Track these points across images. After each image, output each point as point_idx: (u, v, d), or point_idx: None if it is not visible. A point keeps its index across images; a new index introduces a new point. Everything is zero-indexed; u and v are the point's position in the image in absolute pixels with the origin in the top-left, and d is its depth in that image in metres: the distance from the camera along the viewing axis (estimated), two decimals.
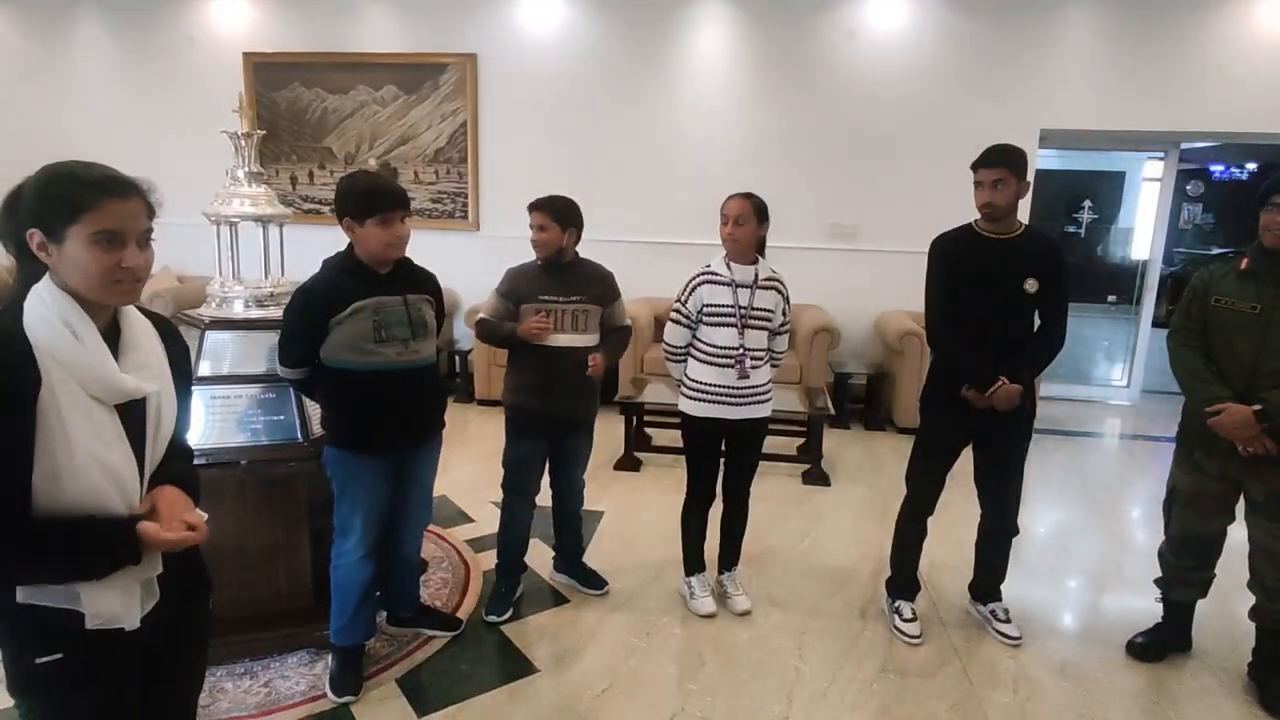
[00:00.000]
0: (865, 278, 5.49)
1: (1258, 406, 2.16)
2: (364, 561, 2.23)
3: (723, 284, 2.57)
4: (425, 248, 2.98)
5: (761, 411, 2.65)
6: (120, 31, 6.02)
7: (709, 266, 2.61)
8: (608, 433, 4.41)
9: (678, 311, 2.62)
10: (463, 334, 5.76)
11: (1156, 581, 2.59)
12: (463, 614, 2.69)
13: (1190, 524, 2.44)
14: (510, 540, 2.73)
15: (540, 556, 3.00)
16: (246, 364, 2.46)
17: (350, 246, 2.16)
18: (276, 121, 5.76)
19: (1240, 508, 2.37)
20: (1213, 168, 9.69)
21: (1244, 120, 5.16)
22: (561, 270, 2.59)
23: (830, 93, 5.39)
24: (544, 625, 2.67)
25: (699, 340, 2.62)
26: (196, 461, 1.44)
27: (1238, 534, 2.39)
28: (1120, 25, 5.11)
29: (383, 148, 5.88)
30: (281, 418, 2.41)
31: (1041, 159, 5.57)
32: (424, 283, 2.30)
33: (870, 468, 4.28)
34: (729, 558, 2.85)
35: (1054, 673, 2.47)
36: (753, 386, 2.59)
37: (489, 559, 2.90)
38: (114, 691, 1.22)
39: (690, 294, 2.59)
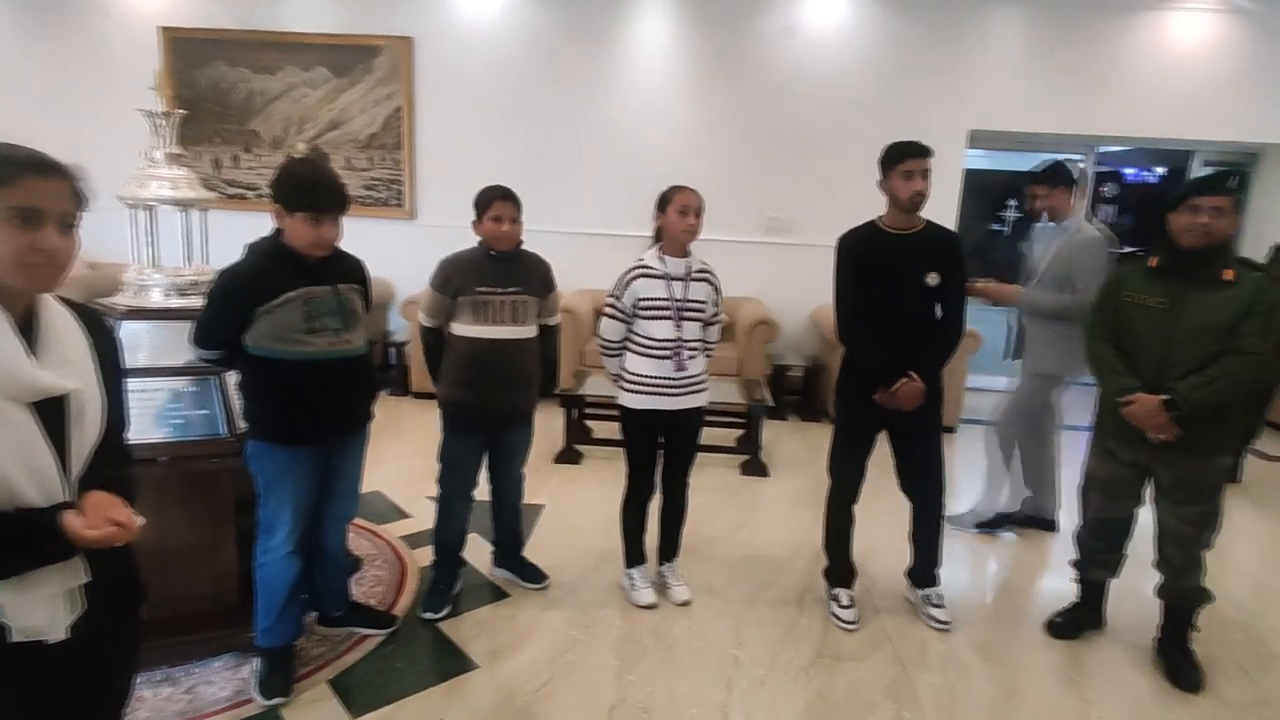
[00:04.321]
0: (802, 271, 5.58)
1: (1166, 396, 2.28)
2: (291, 558, 2.16)
3: (657, 277, 2.57)
4: (358, 236, 2.88)
5: (699, 401, 2.67)
6: (25, 1, 5.63)
7: (642, 260, 2.60)
8: (548, 426, 4.36)
9: (612, 306, 2.61)
10: (398, 325, 5.63)
11: (1073, 563, 2.72)
12: (398, 612, 2.63)
13: (1104, 508, 2.57)
14: (447, 536, 2.68)
15: (478, 551, 2.95)
16: (166, 355, 2.34)
17: (278, 232, 2.07)
18: (198, 101, 5.49)
19: (1148, 492, 2.50)
20: (1125, 170, 10.21)
21: (1154, 126, 5.46)
22: (505, 261, 2.54)
23: (769, 88, 5.46)
24: (482, 621, 2.63)
25: (636, 334, 2.61)
26: None
27: (1146, 517, 2.53)
28: (1043, 32, 5.33)
29: (312, 132, 5.67)
30: (204, 411, 2.30)
31: (970, 158, 5.77)
32: (353, 271, 2.24)
33: (807, 458, 4.37)
34: (669, 549, 2.86)
35: (980, 653, 2.57)
36: (689, 377, 2.61)
37: (425, 555, 2.84)
38: (33, 704, 1.16)
39: (625, 288, 2.58)
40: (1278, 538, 3.70)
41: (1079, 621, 2.71)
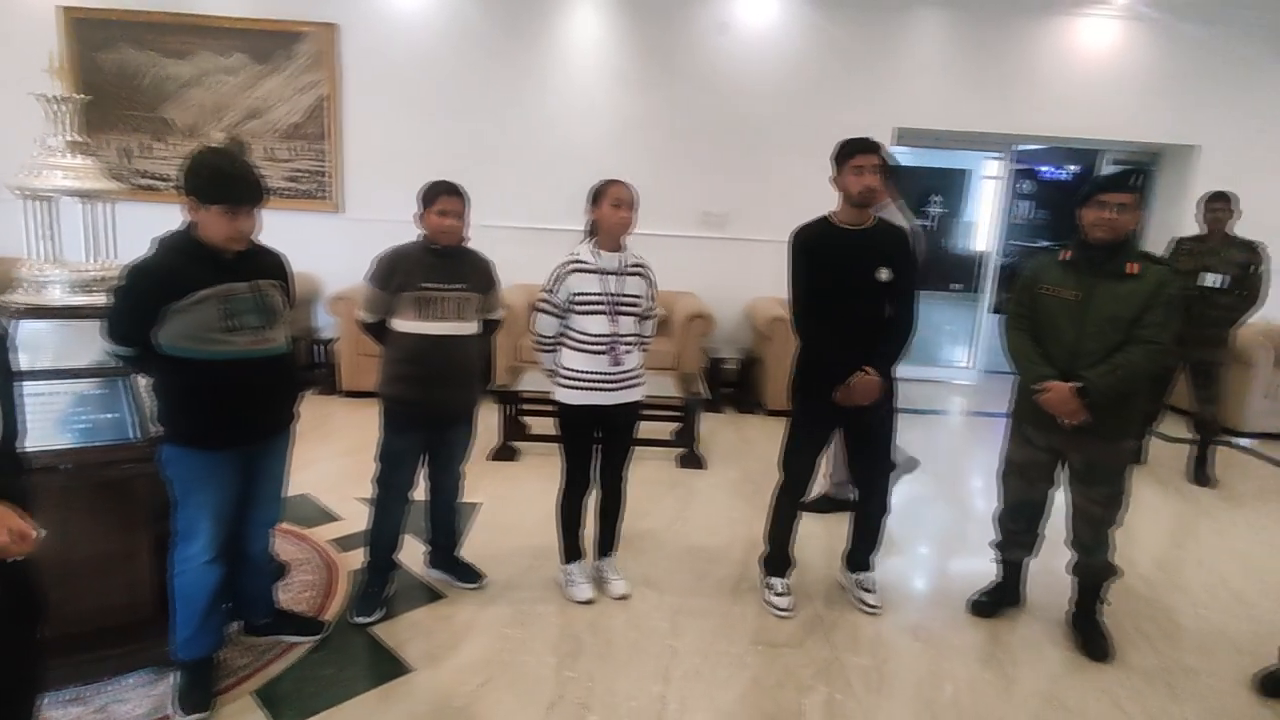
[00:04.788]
0: (736, 265, 5.67)
1: (1078, 384, 2.40)
2: (211, 566, 2.07)
3: (591, 272, 2.55)
4: (281, 229, 2.78)
5: (635, 395, 2.67)
6: None
7: (576, 254, 2.59)
8: (483, 422, 4.29)
9: (546, 301, 2.59)
10: (325, 322, 5.45)
11: (993, 544, 2.84)
12: (328, 617, 2.55)
13: (1022, 491, 2.69)
14: (382, 537, 2.62)
15: (412, 552, 2.89)
16: (69, 356, 2.20)
17: (190, 225, 1.97)
18: (102, 86, 5.19)
19: (1062, 475, 2.63)
20: (1040, 168, 10.69)
21: (1066, 126, 5.74)
22: (448, 256, 2.49)
23: (703, 83, 5.50)
24: (417, 623, 2.57)
25: (571, 329, 2.60)
26: None
27: (1060, 498, 2.66)
28: (965, 34, 5.53)
29: (231, 120, 5.43)
30: (112, 415, 2.18)
31: (896, 155, 5.93)
32: (273, 267, 2.15)
33: (743, 450, 4.43)
34: (606, 543, 2.86)
35: (907, 634, 2.66)
36: (625, 371, 2.61)
37: (357, 558, 2.77)
38: None
39: (558, 283, 2.56)
40: (1179, 515, 3.95)
41: (1000, 600, 2.84)
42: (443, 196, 2.43)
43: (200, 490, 2.03)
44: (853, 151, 2.53)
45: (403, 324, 2.46)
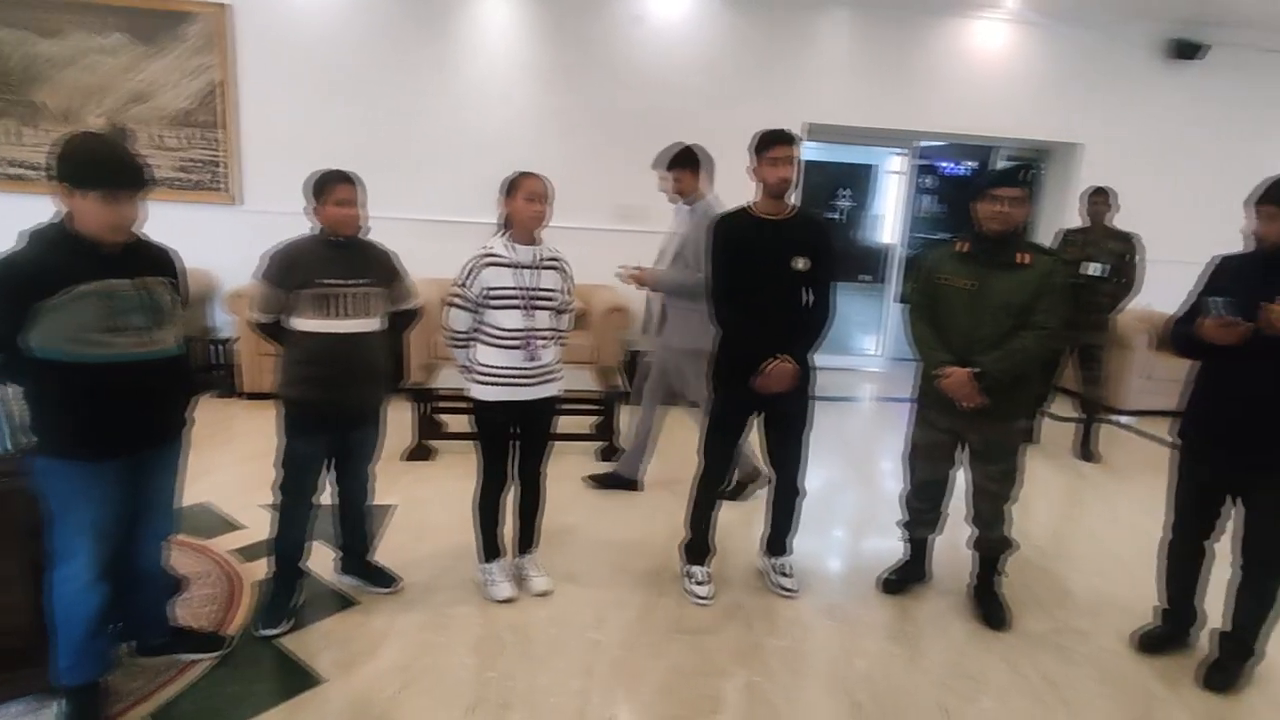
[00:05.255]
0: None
1: (975, 369, 2.53)
2: (94, 586, 1.92)
3: (504, 265, 2.51)
4: (173, 222, 2.62)
5: (552, 390, 2.64)
6: None
7: (489, 248, 2.53)
8: (397, 422, 4.17)
9: (458, 296, 2.52)
10: (223, 321, 5.16)
11: (901, 524, 2.96)
12: (231, 631, 2.42)
13: (926, 472, 2.81)
14: (288, 545, 2.50)
15: (322, 559, 2.78)
16: None
17: (65, 216, 1.82)
18: None
19: (961, 455, 2.76)
20: (941, 164, 11.20)
21: (964, 124, 6.02)
22: (348, 249, 2.38)
23: (618, 75, 5.49)
24: (329, 632, 2.48)
25: (485, 324, 2.54)
26: None
27: (960, 478, 2.79)
28: (870, 34, 5.71)
29: (111, 105, 5.05)
30: None
31: (806, 150, 6.09)
32: (161, 262, 2.01)
33: (662, 441, 4.43)
34: (526, 540, 2.83)
35: (823, 614, 2.74)
36: (542, 367, 2.58)
37: (261, 568, 2.64)
38: None
39: (471, 277, 2.50)
40: (1068, 489, 4.22)
41: (908, 577, 2.96)
42: (338, 185, 2.32)
43: (79, 505, 1.88)
44: (769, 143, 2.58)
45: (304, 323, 2.34)
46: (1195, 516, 2.49)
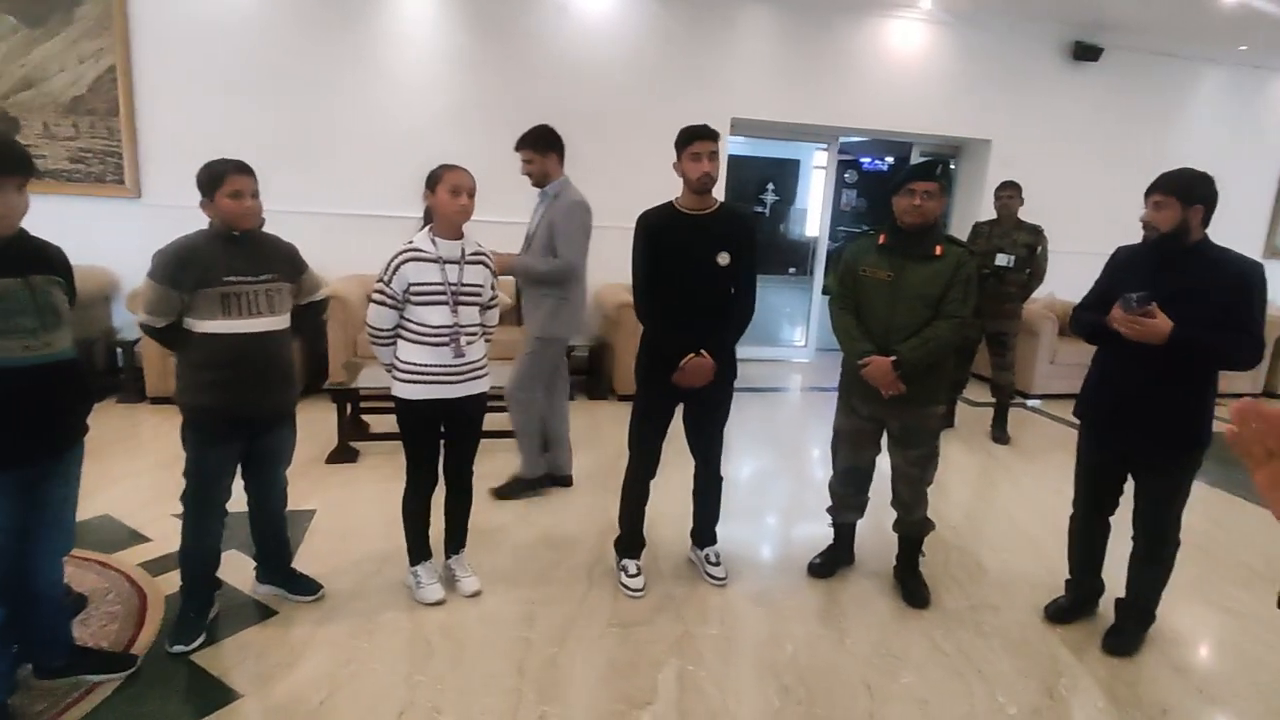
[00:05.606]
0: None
1: (894, 358, 2.61)
2: None
3: (429, 261, 2.45)
4: (67, 217, 2.46)
5: (480, 388, 2.60)
6: None
7: (412, 243, 2.47)
8: (319, 423, 4.06)
9: (381, 292, 2.45)
10: (125, 322, 4.87)
11: (828, 510, 3.04)
12: (139, 650, 2.29)
13: (850, 458, 2.89)
14: (198, 557, 2.38)
15: (238, 569, 2.67)
16: None
17: None
18: None
19: (883, 441, 2.86)
20: (862, 159, 11.53)
21: (883, 120, 6.20)
22: (248, 243, 2.27)
23: (543, 68, 5.43)
24: (246, 645, 2.37)
25: (409, 321, 2.48)
26: None
27: (883, 463, 2.88)
28: (793, 30, 5.82)
29: None
30: None
31: (732, 145, 6.17)
32: (49, 260, 1.88)
33: (594, 436, 4.46)
34: (456, 540, 2.78)
35: (753, 601, 2.79)
36: (469, 363, 2.53)
37: (172, 582, 2.50)
38: None
39: (394, 273, 2.43)
40: (983, 471, 4.42)
41: (835, 561, 3.04)
42: (232, 177, 2.18)
43: None
44: (690, 138, 2.59)
45: (206, 324, 2.20)
46: (1095, 493, 2.64)
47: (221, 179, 2.17)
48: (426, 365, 2.48)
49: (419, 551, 2.69)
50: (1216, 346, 2.25)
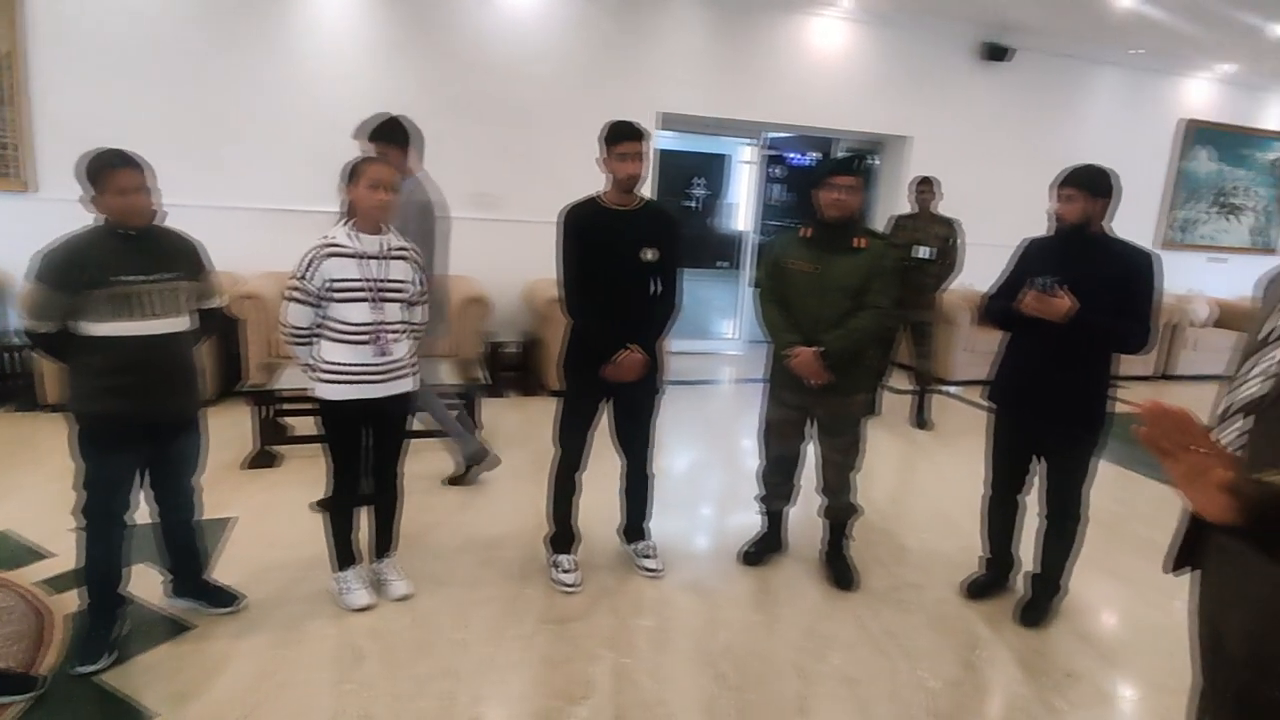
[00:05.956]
0: (512, 247, 5.59)
1: (819, 348, 2.67)
2: None
3: (349, 256, 2.37)
4: None
5: (406, 386, 2.54)
6: None
7: (330, 238, 2.38)
8: (235, 428, 3.90)
9: (297, 289, 2.36)
10: (18, 324, 4.55)
11: (759, 498, 3.10)
12: (42, 671, 2.15)
13: (779, 447, 2.96)
14: (101, 572, 2.25)
15: (149, 583, 2.54)
16: None
17: None
18: None
19: (810, 430, 2.92)
20: (789, 154, 11.76)
21: (807, 116, 6.33)
22: (143, 240, 2.14)
23: (470, 61, 5.32)
24: (158, 662, 2.25)
25: (330, 318, 2.40)
26: None
27: (810, 451, 2.95)
28: (719, 26, 5.88)
29: None
30: None
31: (661, 140, 6.20)
32: None
33: (527, 432, 4.42)
34: (384, 543, 2.71)
35: (687, 591, 2.82)
36: (393, 362, 2.46)
37: (74, 599, 2.36)
38: None
39: (311, 269, 2.34)
40: (905, 456, 4.58)
41: (766, 548, 3.11)
42: (117, 172, 2.05)
43: None
44: (619, 138, 2.58)
45: (100, 328, 2.07)
46: (1007, 473, 2.77)
47: (105, 175, 2.04)
48: (349, 364, 2.40)
49: (345, 556, 2.61)
50: (1111, 331, 2.40)
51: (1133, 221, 7.17)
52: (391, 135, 3.12)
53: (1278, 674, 0.74)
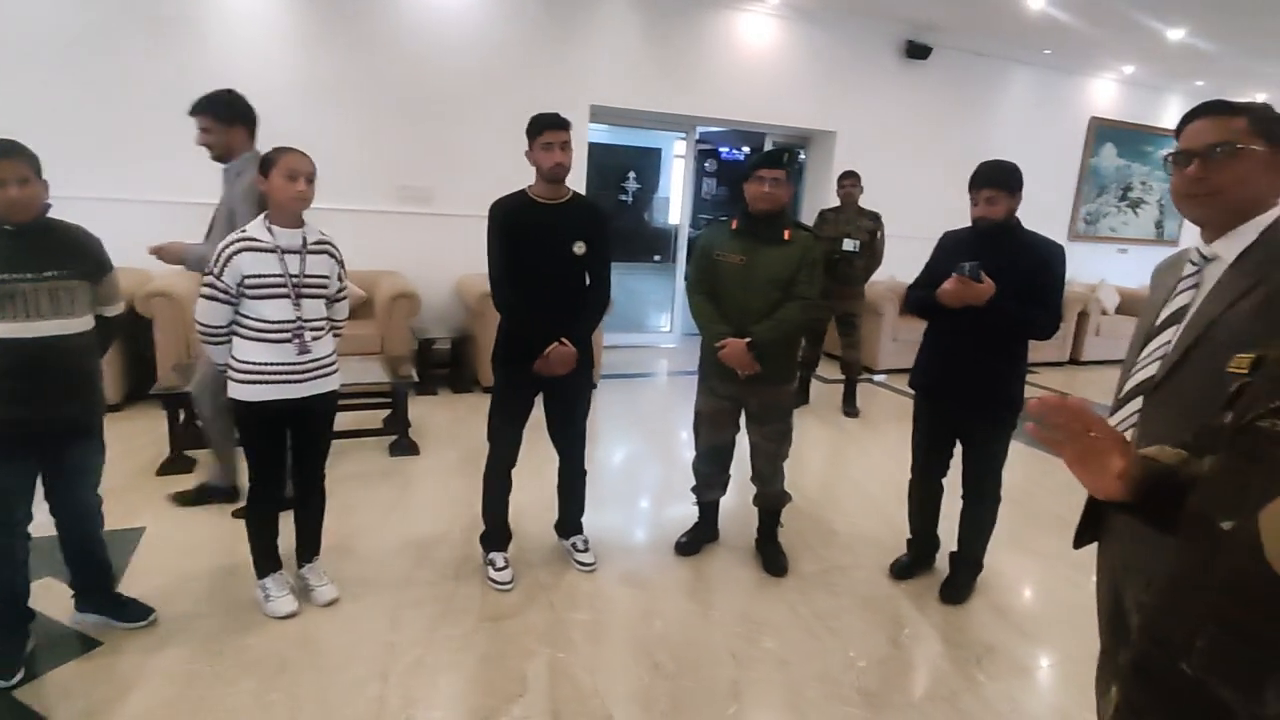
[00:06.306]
0: (443, 241, 5.50)
1: (749, 339, 2.72)
2: None
3: (265, 251, 2.28)
4: None
5: (329, 385, 2.46)
6: None
7: (245, 232, 2.29)
8: (148, 433, 3.73)
9: (211, 286, 2.26)
10: None
11: (692, 489, 3.13)
12: None
13: (712, 438, 2.99)
14: (5, 588, 2.11)
15: (56, 598, 2.39)
16: None
17: None
18: None
19: (741, 420, 2.97)
20: (721, 149, 11.88)
21: (738, 110, 6.41)
22: (29, 236, 2.01)
23: (395, 51, 5.18)
24: (67, 680, 2.13)
25: (246, 316, 2.30)
26: None
27: (742, 441, 3.00)
28: (651, 19, 5.88)
29: None
30: None
31: (593, 133, 6.18)
32: None
33: (459, 430, 4.35)
34: (308, 548, 2.62)
35: (622, 584, 2.83)
36: (316, 360, 2.38)
37: None
38: None
39: (225, 265, 2.24)
40: (834, 443, 4.71)
41: (700, 538, 3.14)
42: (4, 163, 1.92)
43: None
44: (542, 127, 2.56)
45: None
46: (929, 458, 2.88)
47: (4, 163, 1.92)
48: (267, 364, 2.31)
49: (267, 563, 2.52)
50: (1023, 318, 2.52)
51: (1046, 215, 7.55)
52: (211, 107, 2.87)
53: (1172, 643, 0.79)
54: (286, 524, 2.57)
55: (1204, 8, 5.51)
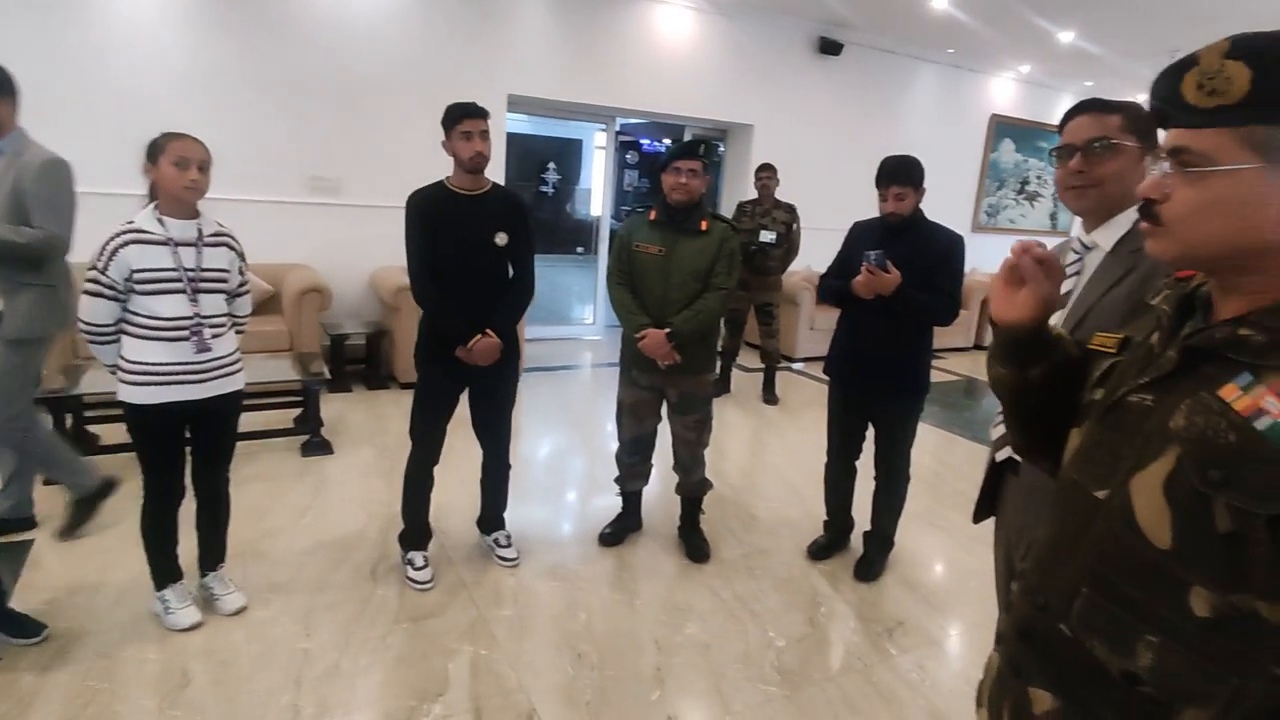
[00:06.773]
0: (355, 234, 5.32)
1: (668, 330, 2.74)
2: None
3: (156, 243, 2.15)
4: None
5: (232, 385, 2.34)
6: None
7: (133, 223, 2.15)
8: None
9: (95, 282, 2.11)
10: None
11: (616, 480, 3.14)
12: None
13: (634, 428, 3.01)
14: None
15: None
16: None
17: None
18: None
19: (662, 410, 3.00)
20: (642, 140, 11.90)
21: (658, 102, 6.43)
22: None
23: (301, 36, 4.95)
24: None
25: (136, 313, 2.16)
26: None
27: (664, 430, 3.03)
28: (569, 9, 5.82)
29: None
30: None
31: (512, 123, 6.08)
32: None
33: (375, 427, 4.23)
34: (211, 556, 2.50)
35: (546, 577, 2.82)
36: (216, 359, 2.27)
37: None
38: None
39: (110, 259, 2.10)
40: (755, 430, 4.81)
41: (624, 528, 3.16)
42: None
43: None
44: (459, 116, 2.50)
45: None
46: (842, 441, 2.98)
47: None
48: (161, 364, 2.18)
49: (165, 573, 2.38)
50: (927, 305, 2.63)
51: (951, 208, 7.90)
52: None
53: (1051, 606, 0.84)
54: (188, 532, 2.45)
55: (1088, 12, 5.87)
